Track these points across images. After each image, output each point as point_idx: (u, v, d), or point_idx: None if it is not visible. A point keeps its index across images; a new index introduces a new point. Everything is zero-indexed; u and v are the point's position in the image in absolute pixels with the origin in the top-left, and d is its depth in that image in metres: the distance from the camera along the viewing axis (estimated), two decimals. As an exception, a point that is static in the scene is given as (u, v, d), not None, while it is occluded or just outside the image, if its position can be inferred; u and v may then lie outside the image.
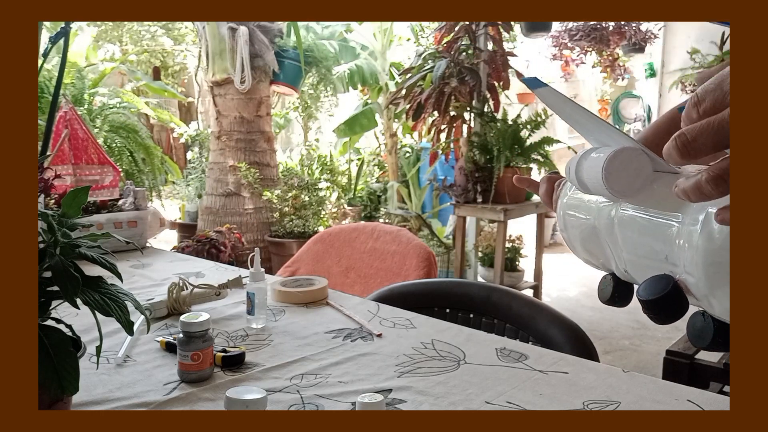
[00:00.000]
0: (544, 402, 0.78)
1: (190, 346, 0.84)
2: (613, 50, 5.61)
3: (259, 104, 4.51)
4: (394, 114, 5.23)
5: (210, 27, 4.30)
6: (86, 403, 0.78)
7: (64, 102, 1.72)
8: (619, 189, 0.51)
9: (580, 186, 0.54)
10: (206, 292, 1.20)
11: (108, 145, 4.07)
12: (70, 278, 0.61)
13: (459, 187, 3.46)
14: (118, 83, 6.29)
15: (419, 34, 5.16)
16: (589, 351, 1.06)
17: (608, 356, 3.01)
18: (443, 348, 0.97)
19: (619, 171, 0.50)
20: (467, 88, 3.55)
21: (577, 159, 0.54)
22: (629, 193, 0.51)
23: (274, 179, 4.62)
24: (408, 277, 1.83)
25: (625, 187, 0.51)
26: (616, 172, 0.50)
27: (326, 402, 0.79)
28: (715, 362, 1.81)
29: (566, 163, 0.56)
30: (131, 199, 1.78)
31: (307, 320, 1.12)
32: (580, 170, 0.54)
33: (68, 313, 0.66)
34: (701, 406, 0.77)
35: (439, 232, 4.37)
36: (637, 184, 0.51)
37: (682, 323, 0.51)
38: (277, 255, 4.26)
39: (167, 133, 8.18)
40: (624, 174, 0.50)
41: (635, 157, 0.51)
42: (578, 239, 0.59)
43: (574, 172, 0.54)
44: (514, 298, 1.22)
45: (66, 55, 1.60)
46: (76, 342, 0.68)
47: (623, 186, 0.50)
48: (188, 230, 4.90)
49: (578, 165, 0.54)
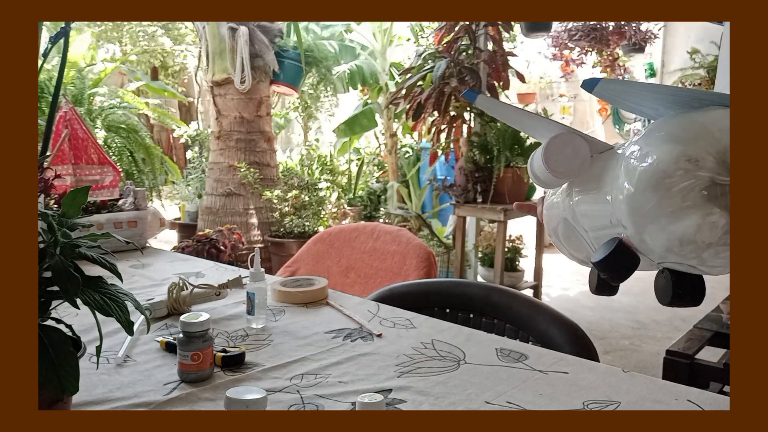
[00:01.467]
0: (544, 402, 0.78)
1: (190, 346, 0.84)
2: (613, 50, 5.61)
3: (259, 104, 4.51)
4: (394, 114, 5.23)
5: (210, 27, 4.30)
6: (86, 403, 0.78)
7: (64, 102, 1.72)
8: (561, 171, 0.56)
9: (536, 180, 0.58)
10: (206, 292, 1.20)
11: (108, 145, 4.07)
12: (70, 278, 0.61)
13: (459, 187, 3.46)
14: (118, 83, 6.29)
15: (419, 34, 5.16)
16: (589, 351, 1.06)
17: (608, 356, 3.01)
18: (443, 348, 0.97)
19: (557, 154, 0.55)
20: (467, 88, 3.55)
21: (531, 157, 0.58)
22: (571, 174, 0.56)
23: (274, 179, 4.62)
24: (408, 277, 1.83)
25: (566, 169, 0.56)
26: (554, 155, 0.55)
27: (326, 402, 0.79)
28: (715, 362, 1.81)
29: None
30: (131, 199, 1.78)
31: (307, 320, 1.12)
32: (532, 165, 0.59)
33: (68, 313, 0.66)
34: (701, 406, 0.76)
35: (439, 232, 4.37)
36: (577, 165, 0.56)
37: (680, 322, 0.52)
38: (277, 255, 4.26)
39: (167, 133, 8.18)
40: (561, 156, 0.55)
41: (570, 140, 0.56)
42: (562, 237, 0.62)
43: (529, 169, 0.59)
44: (514, 298, 1.22)
45: (66, 55, 1.60)
46: (76, 342, 0.68)
47: (564, 168, 0.56)
48: (188, 230, 4.90)
49: (530, 161, 0.59)
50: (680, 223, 0.44)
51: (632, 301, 3.95)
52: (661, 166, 0.45)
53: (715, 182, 0.44)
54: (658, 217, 0.45)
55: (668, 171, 0.44)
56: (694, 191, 0.44)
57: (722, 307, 2.18)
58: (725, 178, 0.44)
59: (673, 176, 0.44)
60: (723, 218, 0.43)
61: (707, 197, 0.44)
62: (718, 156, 0.44)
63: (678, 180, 0.44)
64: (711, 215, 0.43)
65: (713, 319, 2.09)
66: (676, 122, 0.47)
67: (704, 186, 0.44)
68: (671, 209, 0.44)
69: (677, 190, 0.44)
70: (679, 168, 0.44)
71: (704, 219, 0.43)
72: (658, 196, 0.45)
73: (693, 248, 0.45)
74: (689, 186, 0.44)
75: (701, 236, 0.44)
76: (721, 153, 0.44)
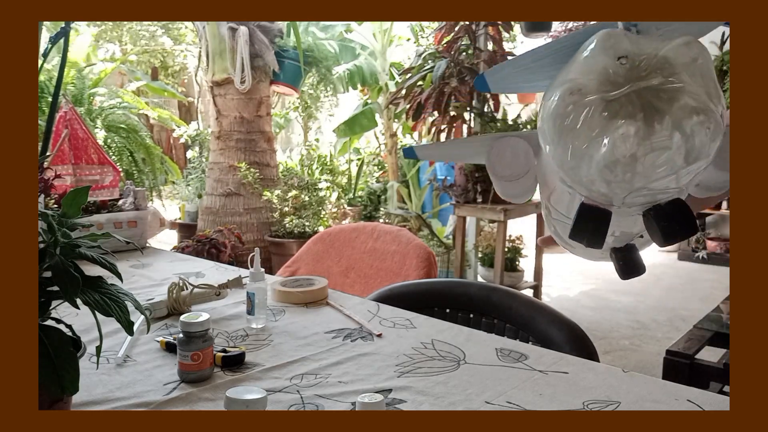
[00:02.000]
0: (544, 402, 0.78)
1: (190, 346, 0.84)
2: (613, 50, 5.60)
3: (259, 104, 4.51)
4: (394, 114, 5.23)
5: (210, 27, 4.30)
6: (86, 403, 0.78)
7: (64, 102, 1.72)
8: (508, 174, 0.58)
9: (501, 191, 0.61)
10: (206, 292, 1.20)
11: (108, 145, 4.07)
12: (70, 278, 0.61)
13: (459, 187, 3.46)
14: (118, 83, 6.29)
15: (419, 34, 5.16)
16: (589, 351, 1.06)
17: (608, 356, 3.01)
18: (443, 348, 0.97)
19: (499, 161, 0.57)
20: (467, 88, 3.55)
21: None
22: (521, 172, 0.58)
23: (274, 179, 4.62)
24: (408, 277, 1.83)
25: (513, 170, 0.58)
26: (496, 163, 0.58)
27: (326, 402, 0.79)
28: (715, 362, 1.81)
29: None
30: (131, 199, 1.78)
31: (307, 320, 1.12)
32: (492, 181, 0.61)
33: (68, 313, 0.66)
34: (701, 406, 0.76)
35: (439, 232, 4.37)
36: (522, 162, 0.58)
37: (680, 322, 0.52)
38: (277, 255, 4.26)
39: (167, 133, 8.18)
40: (504, 161, 0.58)
41: (506, 144, 0.58)
42: (568, 241, 0.62)
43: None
44: (514, 298, 1.22)
45: (66, 55, 1.60)
46: (76, 342, 0.68)
47: (510, 170, 0.58)
48: (188, 230, 4.90)
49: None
50: (597, 153, 0.44)
51: (632, 301, 3.95)
52: (555, 111, 0.45)
53: (607, 99, 0.43)
54: (581, 157, 0.45)
55: (562, 113, 0.45)
56: (594, 117, 0.44)
57: (722, 307, 2.19)
58: (617, 91, 0.43)
59: (569, 115, 0.44)
60: (632, 125, 0.43)
61: (609, 116, 0.43)
62: (600, 75, 0.44)
63: (574, 116, 0.44)
64: (617, 129, 0.43)
65: (713, 319, 2.09)
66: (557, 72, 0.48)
67: (601, 108, 0.44)
68: (585, 144, 0.44)
69: (579, 125, 0.44)
70: (567, 104, 0.44)
71: (614, 135, 0.43)
72: (569, 139, 0.45)
73: (623, 167, 0.44)
74: (586, 115, 0.44)
75: (619, 152, 0.43)
76: (602, 71, 0.44)
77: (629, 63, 0.44)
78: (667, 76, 0.43)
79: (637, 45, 0.44)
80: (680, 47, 0.43)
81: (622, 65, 0.44)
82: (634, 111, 0.43)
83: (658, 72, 0.43)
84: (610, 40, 0.44)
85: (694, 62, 0.43)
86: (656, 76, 0.43)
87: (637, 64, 0.44)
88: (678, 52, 0.43)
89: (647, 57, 0.44)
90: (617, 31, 0.46)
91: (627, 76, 0.44)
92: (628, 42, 0.44)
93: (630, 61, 0.44)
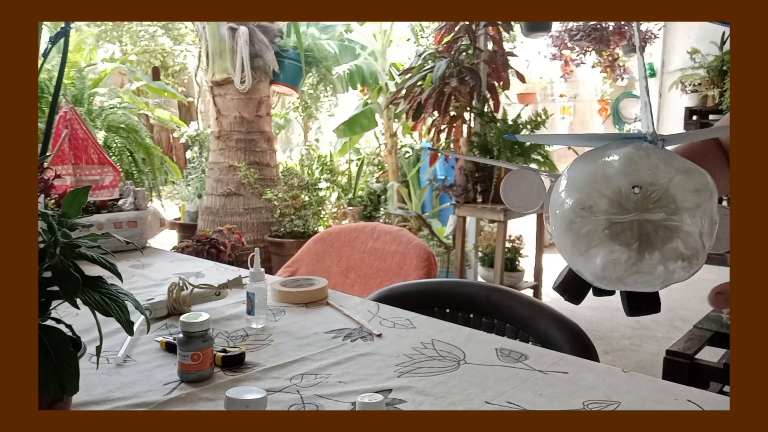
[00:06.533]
0: (544, 402, 0.78)
1: (190, 346, 0.84)
2: (613, 50, 5.62)
3: (259, 104, 4.51)
4: (394, 114, 5.23)
5: (210, 27, 4.30)
6: (86, 403, 0.78)
7: (64, 102, 1.72)
8: (519, 205, 0.62)
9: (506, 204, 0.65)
10: (206, 292, 1.20)
11: (108, 145, 4.07)
12: (70, 278, 0.61)
13: (459, 187, 3.46)
14: (118, 83, 6.29)
15: (419, 34, 5.16)
16: (589, 351, 1.06)
17: (608, 356, 3.01)
18: (443, 348, 0.97)
19: (512, 191, 0.62)
20: (467, 88, 3.55)
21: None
22: (531, 206, 0.62)
23: (274, 179, 4.62)
24: (408, 277, 1.83)
25: (524, 202, 0.62)
26: (510, 193, 0.62)
27: (326, 402, 0.79)
28: (715, 362, 1.81)
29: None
30: (131, 199, 1.78)
31: (307, 320, 1.12)
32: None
33: (68, 313, 0.66)
34: (701, 406, 0.77)
35: (439, 232, 4.36)
36: (534, 197, 0.62)
37: (680, 322, 0.54)
38: (277, 255, 4.26)
39: (167, 133, 8.17)
40: (518, 192, 0.62)
41: (523, 176, 0.62)
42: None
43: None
44: (514, 298, 1.22)
45: (66, 55, 1.59)
46: (76, 342, 0.68)
47: (521, 202, 0.62)
48: (188, 230, 4.90)
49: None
50: (591, 262, 0.49)
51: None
52: (565, 214, 0.50)
53: (613, 222, 0.48)
54: (576, 256, 0.51)
55: (570, 218, 0.50)
56: (597, 233, 0.49)
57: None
58: (622, 216, 0.48)
59: (575, 222, 0.49)
60: (624, 254, 0.48)
61: (609, 236, 0.48)
62: (613, 196, 0.48)
63: (580, 225, 0.49)
64: (612, 253, 0.48)
65: (713, 319, 2.09)
66: (576, 166, 0.52)
67: (604, 227, 0.48)
68: (583, 249, 0.50)
69: (583, 233, 0.49)
70: (577, 216, 0.49)
71: (608, 257, 0.48)
72: (571, 238, 0.50)
73: (608, 281, 0.50)
74: (591, 229, 0.49)
75: (608, 273, 0.49)
76: (616, 193, 0.48)
77: (641, 193, 0.48)
78: (670, 214, 0.48)
79: (654, 174, 0.48)
80: (689, 193, 0.48)
81: (635, 194, 0.48)
82: (631, 240, 0.48)
83: (663, 209, 0.48)
84: (632, 166, 0.48)
85: (697, 208, 0.48)
86: (660, 212, 0.48)
87: (648, 194, 0.48)
88: (685, 198, 0.48)
89: (659, 188, 0.48)
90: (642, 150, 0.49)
91: (635, 204, 0.48)
92: (647, 169, 0.48)
93: (642, 191, 0.48)
